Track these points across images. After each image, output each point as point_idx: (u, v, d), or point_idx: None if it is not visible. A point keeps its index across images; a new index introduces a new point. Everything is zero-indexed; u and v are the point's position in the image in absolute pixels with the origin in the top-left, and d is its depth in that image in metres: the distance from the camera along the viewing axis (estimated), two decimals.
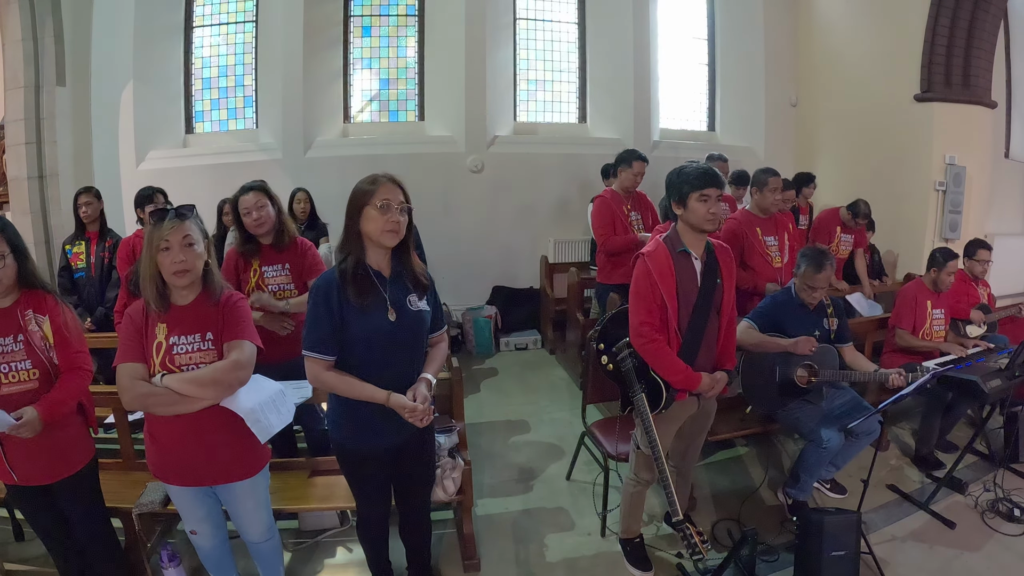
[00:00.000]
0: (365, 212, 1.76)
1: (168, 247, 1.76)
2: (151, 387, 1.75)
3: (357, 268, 1.79)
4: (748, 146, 6.58)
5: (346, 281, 1.77)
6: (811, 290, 2.87)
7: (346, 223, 1.81)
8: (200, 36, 5.76)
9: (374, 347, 1.79)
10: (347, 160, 5.38)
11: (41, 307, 1.90)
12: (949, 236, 5.23)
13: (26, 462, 1.89)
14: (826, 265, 2.82)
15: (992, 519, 2.88)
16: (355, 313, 1.77)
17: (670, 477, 2.25)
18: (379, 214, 1.74)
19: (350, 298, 1.76)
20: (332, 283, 1.78)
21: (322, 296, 1.77)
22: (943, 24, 5.03)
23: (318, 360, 1.78)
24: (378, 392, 1.78)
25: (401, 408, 1.78)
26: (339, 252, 1.84)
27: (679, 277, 2.18)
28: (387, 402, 1.78)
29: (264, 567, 2.22)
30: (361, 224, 1.78)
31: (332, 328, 1.77)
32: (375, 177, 1.79)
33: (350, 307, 1.76)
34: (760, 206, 3.55)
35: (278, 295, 2.73)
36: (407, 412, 1.78)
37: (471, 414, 3.78)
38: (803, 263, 2.87)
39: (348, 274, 1.77)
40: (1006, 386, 2.96)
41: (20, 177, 4.96)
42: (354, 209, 1.79)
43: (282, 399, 2.02)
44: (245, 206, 2.64)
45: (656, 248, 2.23)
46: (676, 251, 2.20)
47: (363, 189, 1.78)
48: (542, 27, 6.26)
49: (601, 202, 3.99)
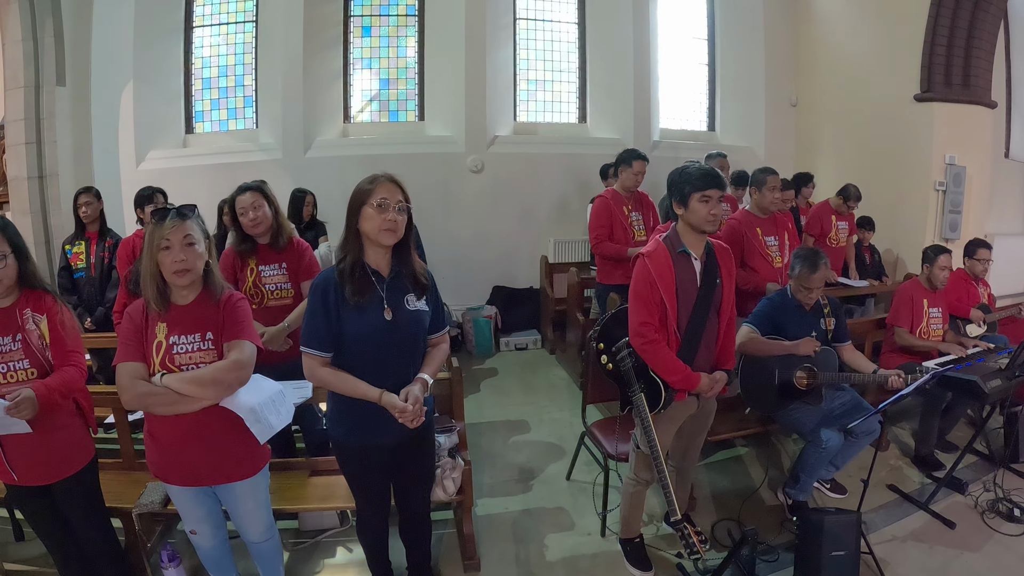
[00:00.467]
0: (363, 211, 1.77)
1: (169, 246, 1.76)
2: (151, 386, 1.75)
3: (355, 267, 1.80)
4: (748, 146, 6.58)
5: (344, 280, 1.78)
6: (807, 291, 2.87)
7: (346, 222, 1.83)
8: (200, 36, 5.75)
9: (370, 346, 1.80)
10: (347, 160, 5.39)
11: (40, 306, 1.90)
12: (949, 236, 5.23)
13: (26, 462, 1.89)
14: (821, 265, 2.82)
15: (992, 519, 2.88)
16: (351, 312, 1.78)
17: (670, 477, 2.25)
18: (376, 213, 1.75)
19: (347, 296, 1.77)
20: (330, 281, 1.79)
21: (319, 293, 1.79)
22: (943, 24, 5.03)
23: (314, 356, 1.80)
24: (371, 390, 1.79)
25: (392, 408, 1.79)
26: (339, 251, 1.86)
27: (679, 278, 2.18)
28: (379, 400, 1.79)
29: (264, 567, 2.22)
30: (360, 223, 1.79)
31: (328, 325, 1.78)
32: (374, 176, 1.80)
33: (346, 306, 1.78)
34: (759, 206, 3.55)
35: (275, 294, 2.74)
36: (397, 412, 1.79)
37: (471, 414, 3.77)
38: (798, 264, 2.87)
39: (346, 273, 1.79)
40: (1006, 386, 2.96)
41: (20, 177, 4.96)
42: (353, 208, 1.80)
43: (281, 399, 2.02)
44: (242, 206, 2.64)
45: (656, 248, 2.23)
46: (676, 251, 2.20)
47: (362, 188, 1.79)
48: (542, 27, 6.26)
49: (601, 202, 3.99)
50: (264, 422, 1.88)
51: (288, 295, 2.76)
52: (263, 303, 2.71)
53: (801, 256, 2.88)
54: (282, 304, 2.74)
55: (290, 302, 2.76)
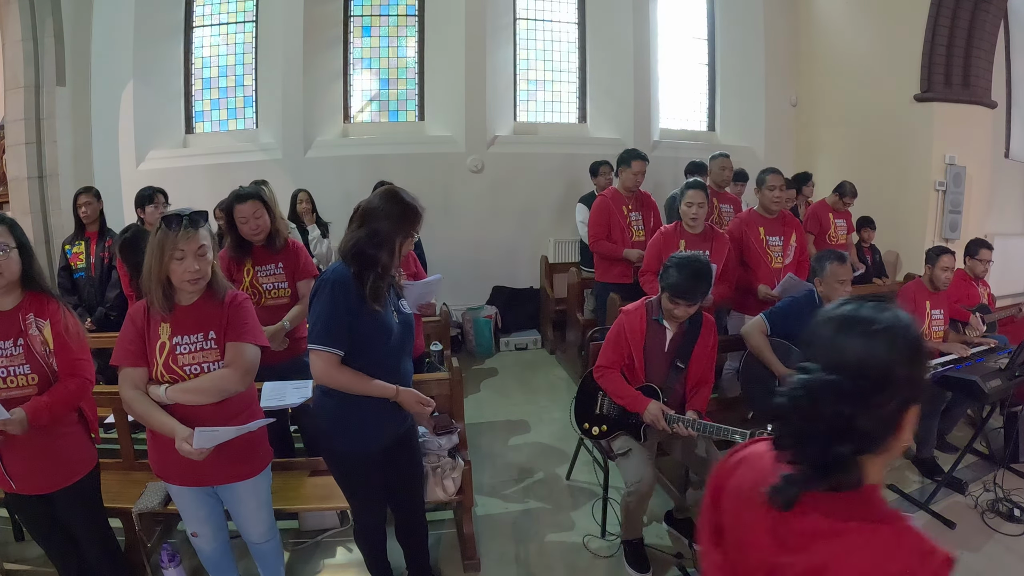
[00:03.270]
0: (398, 239, 1.84)
1: (183, 256, 1.75)
2: (149, 408, 1.78)
3: (377, 274, 1.83)
4: (748, 146, 6.58)
5: (369, 283, 1.80)
6: (842, 284, 2.85)
7: (385, 229, 1.81)
8: (200, 36, 5.75)
9: (385, 349, 1.86)
10: (347, 160, 5.37)
11: (43, 311, 1.87)
12: (949, 236, 5.23)
13: (25, 470, 1.85)
14: (845, 256, 2.90)
15: (992, 519, 2.88)
16: (366, 314, 1.81)
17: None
18: (408, 244, 1.87)
19: (368, 300, 1.79)
20: (348, 280, 1.79)
21: (339, 291, 1.78)
22: (943, 24, 5.03)
23: (330, 355, 1.78)
24: (388, 387, 1.85)
25: (411, 404, 1.90)
26: (367, 252, 1.81)
27: (648, 340, 2.52)
28: (396, 396, 1.87)
29: (264, 567, 2.22)
30: (396, 242, 1.83)
31: (347, 324, 1.79)
32: (420, 206, 1.88)
33: (364, 307, 1.80)
34: (762, 204, 3.58)
35: (272, 294, 2.75)
36: (419, 406, 1.91)
37: (471, 414, 3.78)
38: (826, 263, 2.87)
39: (374, 277, 1.81)
40: (1006, 386, 2.96)
41: (20, 177, 4.96)
42: (401, 225, 1.83)
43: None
44: (242, 215, 2.65)
45: (636, 309, 2.57)
46: (651, 318, 2.53)
47: (412, 214, 1.85)
48: (542, 27, 6.25)
49: (601, 201, 3.99)
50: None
51: (285, 295, 2.78)
52: (261, 303, 2.72)
53: (824, 255, 2.92)
54: (279, 303, 2.76)
55: (287, 301, 2.78)
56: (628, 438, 2.56)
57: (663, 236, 3.43)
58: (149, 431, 1.90)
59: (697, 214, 3.33)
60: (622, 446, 2.54)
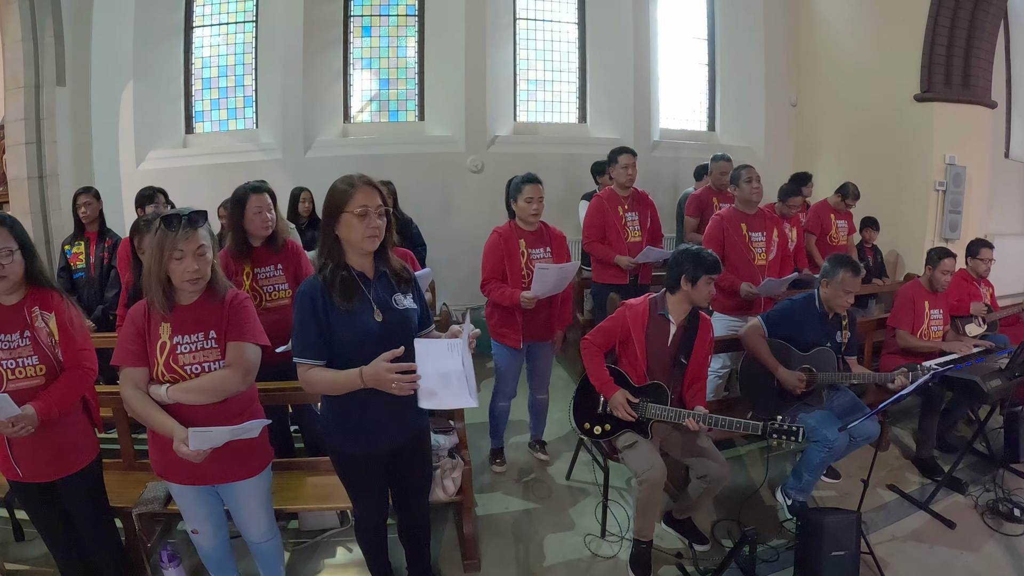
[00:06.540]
0: (343, 219, 1.73)
1: (182, 256, 1.75)
2: (149, 408, 1.78)
3: (339, 271, 1.76)
4: (748, 146, 6.58)
5: (331, 286, 1.74)
6: (847, 295, 2.81)
7: (323, 228, 1.78)
8: (200, 36, 5.75)
9: (364, 350, 1.72)
10: (347, 160, 5.37)
11: (48, 304, 1.91)
12: (949, 236, 5.23)
13: (31, 459, 1.89)
14: (861, 269, 2.84)
15: (992, 519, 2.88)
16: (341, 317, 1.74)
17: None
18: (358, 221, 1.71)
19: (336, 302, 1.73)
20: (316, 288, 1.75)
21: (307, 302, 1.74)
22: (943, 24, 5.04)
23: (306, 365, 1.77)
24: (351, 374, 1.69)
25: (384, 380, 1.62)
26: (319, 258, 1.80)
27: (650, 332, 2.58)
28: (361, 378, 1.67)
29: (265, 567, 2.22)
30: (339, 230, 1.75)
31: (319, 333, 1.74)
32: (351, 180, 1.74)
33: (336, 311, 1.74)
34: (742, 199, 3.58)
35: (272, 295, 2.74)
36: (391, 378, 1.62)
37: (471, 414, 3.75)
38: (840, 269, 2.79)
39: (331, 279, 1.75)
40: (1006, 386, 2.96)
41: (20, 177, 4.96)
42: (331, 213, 1.75)
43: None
44: (258, 205, 2.64)
45: (640, 303, 2.63)
46: (656, 312, 2.60)
47: (338, 193, 1.74)
48: (542, 27, 6.26)
49: (597, 202, 3.97)
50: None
51: (286, 296, 2.77)
52: (260, 305, 2.71)
53: (841, 261, 2.82)
54: (279, 305, 2.75)
55: (287, 303, 2.77)
56: (633, 433, 2.54)
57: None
58: (150, 431, 1.90)
59: (537, 210, 3.12)
60: (628, 440, 2.53)
